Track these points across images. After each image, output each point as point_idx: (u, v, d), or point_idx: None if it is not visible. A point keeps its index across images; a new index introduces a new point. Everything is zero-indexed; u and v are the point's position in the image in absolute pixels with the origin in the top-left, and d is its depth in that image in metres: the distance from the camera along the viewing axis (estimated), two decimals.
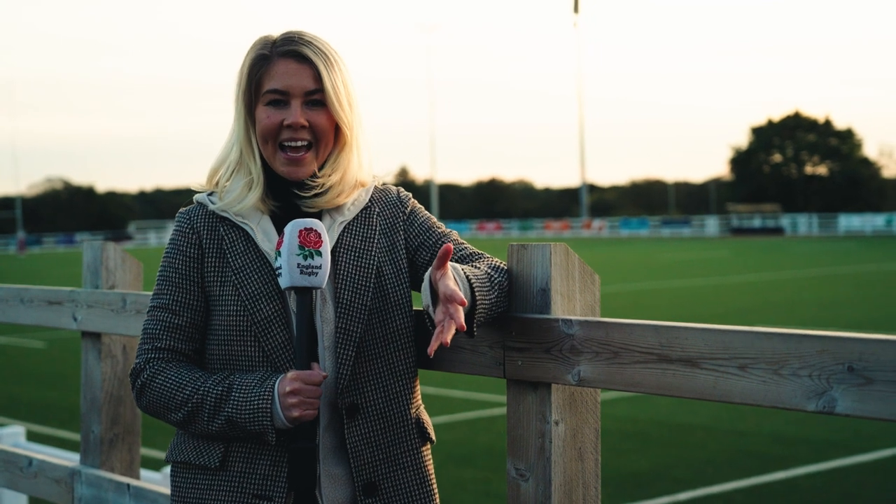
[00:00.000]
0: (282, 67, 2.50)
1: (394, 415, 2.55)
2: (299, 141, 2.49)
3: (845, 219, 69.94)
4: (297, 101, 2.49)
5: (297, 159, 2.50)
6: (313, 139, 2.51)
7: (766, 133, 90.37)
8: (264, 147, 2.52)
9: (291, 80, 2.49)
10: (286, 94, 2.49)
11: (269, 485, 2.45)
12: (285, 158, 2.50)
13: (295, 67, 2.49)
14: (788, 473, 8.65)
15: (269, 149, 2.51)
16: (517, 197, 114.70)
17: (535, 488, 2.46)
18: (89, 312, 3.78)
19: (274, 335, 2.46)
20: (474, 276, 2.38)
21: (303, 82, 2.49)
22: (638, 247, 57.41)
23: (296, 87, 2.49)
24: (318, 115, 2.50)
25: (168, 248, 2.57)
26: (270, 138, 2.50)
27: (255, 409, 2.38)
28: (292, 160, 2.50)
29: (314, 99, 2.50)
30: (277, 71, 2.50)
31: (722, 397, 2.12)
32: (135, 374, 2.54)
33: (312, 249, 2.36)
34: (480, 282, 2.39)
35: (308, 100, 2.50)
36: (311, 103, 2.50)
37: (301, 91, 2.49)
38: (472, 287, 2.35)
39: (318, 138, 2.51)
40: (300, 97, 2.49)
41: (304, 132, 2.49)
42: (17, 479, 4.13)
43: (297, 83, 2.49)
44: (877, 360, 1.89)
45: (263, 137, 2.51)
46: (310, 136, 2.50)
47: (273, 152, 2.51)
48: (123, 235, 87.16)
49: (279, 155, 2.50)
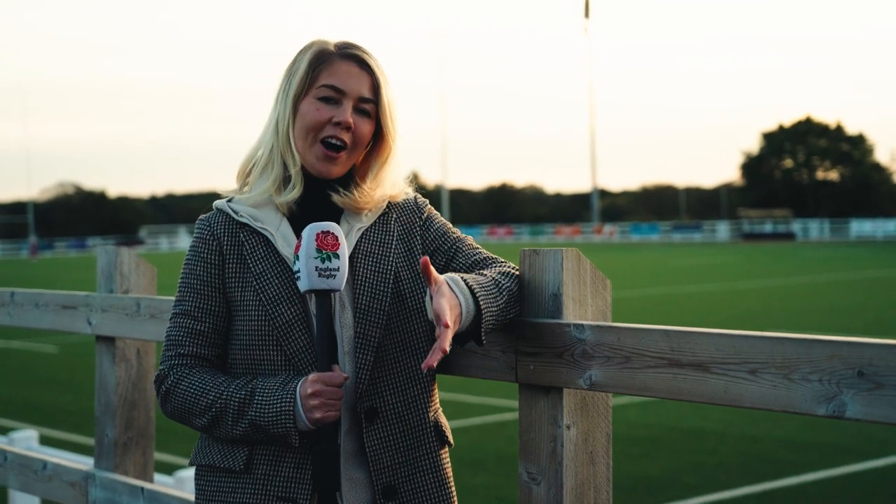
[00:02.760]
0: (344, 67, 2.54)
1: (412, 419, 2.57)
2: (340, 141, 2.52)
3: (857, 224, 69.81)
4: (350, 102, 2.53)
5: (333, 157, 2.53)
6: (351, 144, 2.54)
7: (777, 138, 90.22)
8: (303, 140, 2.54)
9: (351, 82, 2.53)
10: (342, 94, 2.53)
11: (294, 487, 2.47)
12: (323, 153, 2.53)
13: (357, 71, 2.55)
14: (799, 479, 8.65)
15: (308, 142, 2.54)
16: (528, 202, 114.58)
17: (547, 492, 2.47)
18: (104, 317, 3.81)
19: (295, 339, 2.48)
20: (478, 283, 2.39)
21: (361, 87, 2.54)
22: (649, 252, 57.34)
23: (353, 90, 2.53)
24: (363, 124, 2.54)
25: (189, 255, 2.60)
26: (313, 132, 2.53)
27: (278, 411, 2.40)
28: (328, 157, 2.53)
29: (364, 108, 2.54)
30: (340, 69, 2.54)
31: (732, 402, 2.13)
32: (159, 380, 2.56)
33: (330, 252, 2.38)
34: (486, 289, 2.40)
35: (359, 106, 2.54)
36: (360, 111, 2.54)
37: (356, 95, 2.53)
38: (474, 296, 2.36)
39: (356, 144, 2.55)
40: (353, 100, 2.53)
41: (347, 134, 2.53)
42: (31, 483, 4.16)
43: (356, 86, 2.53)
44: (887, 365, 1.90)
45: (306, 129, 2.53)
46: (349, 140, 2.53)
47: (310, 145, 2.54)
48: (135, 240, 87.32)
49: (317, 148, 2.53)
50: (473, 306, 2.35)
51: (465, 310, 2.33)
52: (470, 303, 2.35)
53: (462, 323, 2.32)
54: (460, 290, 2.34)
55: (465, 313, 2.33)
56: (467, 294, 2.35)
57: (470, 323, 2.35)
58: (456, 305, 2.30)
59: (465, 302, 2.33)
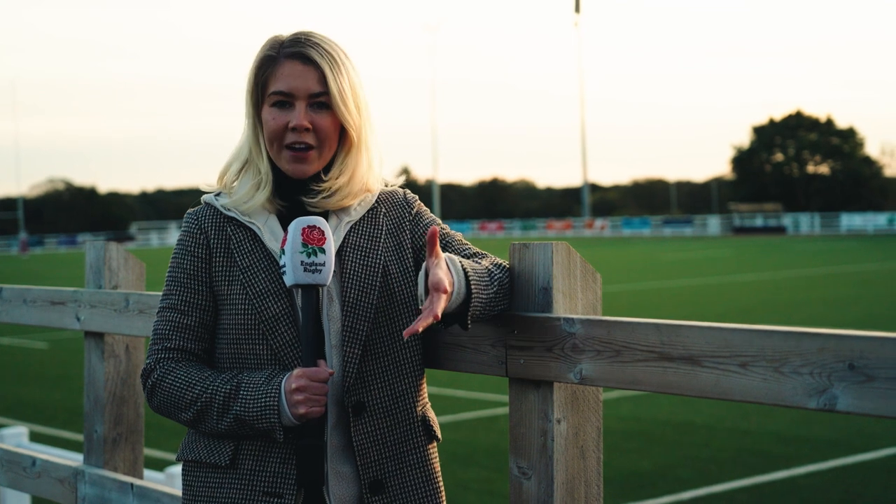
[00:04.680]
0: (287, 69, 2.50)
1: (400, 413, 2.56)
2: (303, 144, 2.50)
3: (847, 218, 69.90)
4: (302, 103, 2.49)
5: (300, 157, 2.50)
6: (317, 142, 2.51)
7: (767, 132, 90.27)
8: (270, 148, 2.53)
9: (296, 82, 2.49)
10: (291, 96, 2.50)
11: (279, 482, 2.46)
12: (290, 156, 2.51)
13: (300, 69, 2.50)
14: (791, 472, 8.66)
15: (275, 149, 2.53)
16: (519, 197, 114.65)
17: (538, 486, 2.46)
18: (92, 312, 3.79)
19: (281, 333, 2.47)
20: (472, 269, 2.40)
21: (308, 84, 2.49)
22: (640, 246, 57.39)
23: (300, 90, 2.49)
24: (322, 118, 2.50)
25: (176, 249, 2.59)
26: (276, 140, 2.51)
27: (263, 406, 2.40)
28: (296, 157, 2.50)
29: (319, 101, 2.50)
30: (283, 72, 2.50)
31: (723, 395, 2.13)
32: (145, 374, 2.55)
33: (316, 247, 2.37)
34: (478, 275, 2.40)
35: (313, 102, 2.50)
36: (317, 105, 2.50)
37: (305, 93, 2.49)
38: (467, 278, 2.36)
39: (322, 141, 2.52)
40: (305, 99, 2.50)
41: (308, 135, 2.50)
42: (20, 479, 4.14)
43: (302, 85, 2.49)
44: (877, 358, 1.89)
45: (269, 139, 2.52)
46: (314, 140, 2.51)
47: (278, 152, 2.52)
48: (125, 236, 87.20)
49: (284, 153, 2.52)
50: (465, 289, 2.36)
51: (457, 290, 2.33)
52: (462, 284, 2.35)
53: (451, 302, 2.32)
54: (456, 271, 2.35)
55: (456, 294, 2.33)
56: (461, 276, 2.36)
57: (458, 306, 2.36)
58: (451, 283, 2.30)
59: (458, 282, 2.34)
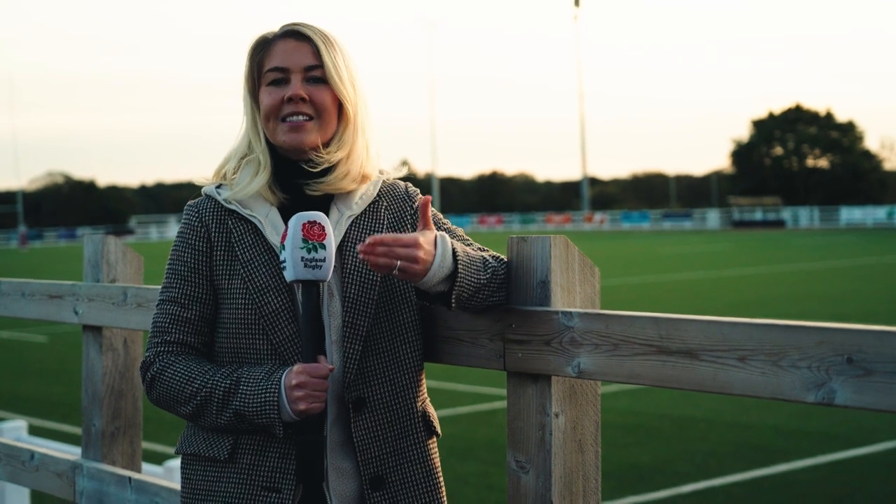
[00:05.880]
0: (281, 46, 2.53)
1: (400, 408, 2.56)
2: (301, 116, 2.50)
3: (846, 211, 69.94)
4: (298, 76, 2.51)
5: (297, 125, 2.50)
6: (315, 113, 2.51)
7: (767, 126, 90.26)
8: (267, 125, 2.53)
9: (291, 57, 2.51)
10: (286, 71, 2.51)
11: (278, 477, 2.45)
12: (287, 126, 2.50)
13: (294, 45, 2.53)
14: (790, 466, 8.66)
15: (272, 125, 2.52)
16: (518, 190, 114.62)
17: (536, 480, 2.46)
18: (90, 306, 3.78)
19: (282, 328, 2.46)
20: (464, 252, 2.41)
21: (302, 58, 2.51)
22: (639, 240, 57.39)
23: (296, 63, 2.51)
24: (319, 91, 2.51)
25: (176, 241, 2.58)
26: (273, 114, 2.51)
27: (263, 402, 2.39)
28: (293, 126, 2.50)
29: (314, 76, 2.51)
30: (278, 50, 2.53)
31: (721, 389, 2.12)
32: (144, 367, 2.54)
33: (316, 242, 2.36)
34: (470, 259, 2.41)
35: (308, 76, 2.51)
36: (312, 80, 2.52)
37: (300, 66, 2.51)
38: (455, 258, 2.37)
39: (320, 113, 2.52)
40: (300, 73, 2.51)
41: (306, 106, 2.50)
42: (18, 473, 4.14)
43: (298, 59, 2.51)
44: (876, 352, 1.89)
45: (266, 116, 2.52)
46: (311, 111, 2.51)
47: (275, 127, 2.52)
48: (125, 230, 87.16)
49: (280, 126, 2.51)
50: (451, 264, 2.36)
51: (439, 262, 2.33)
52: (448, 260, 2.35)
53: (434, 274, 2.34)
54: (443, 247, 2.36)
55: (439, 264, 2.33)
56: (449, 254, 2.36)
57: (443, 281, 2.36)
58: (430, 252, 2.33)
59: (441, 255, 2.34)
